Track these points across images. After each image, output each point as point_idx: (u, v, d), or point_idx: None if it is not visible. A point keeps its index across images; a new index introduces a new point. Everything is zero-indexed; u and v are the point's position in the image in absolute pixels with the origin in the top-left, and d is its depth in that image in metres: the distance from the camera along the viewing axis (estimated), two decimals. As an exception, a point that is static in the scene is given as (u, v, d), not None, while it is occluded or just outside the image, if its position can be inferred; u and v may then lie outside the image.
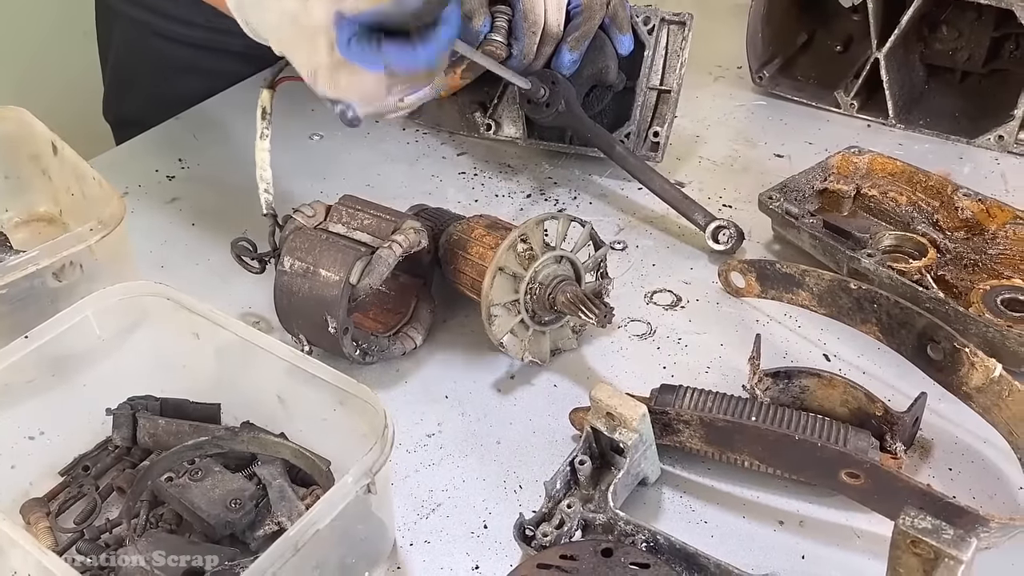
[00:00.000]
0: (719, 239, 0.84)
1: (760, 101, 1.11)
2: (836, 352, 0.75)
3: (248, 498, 0.59)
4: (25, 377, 0.65)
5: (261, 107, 0.72)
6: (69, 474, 0.66)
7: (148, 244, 0.88)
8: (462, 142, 1.03)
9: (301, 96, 0.72)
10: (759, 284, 0.78)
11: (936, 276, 0.78)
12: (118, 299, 0.66)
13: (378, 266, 0.70)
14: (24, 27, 1.36)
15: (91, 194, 0.80)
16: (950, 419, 0.68)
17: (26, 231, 0.90)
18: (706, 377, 0.74)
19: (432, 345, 0.78)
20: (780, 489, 0.64)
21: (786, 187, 0.87)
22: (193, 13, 1.06)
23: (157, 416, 0.66)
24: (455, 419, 0.71)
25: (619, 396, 0.61)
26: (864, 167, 0.89)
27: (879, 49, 1.00)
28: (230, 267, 0.77)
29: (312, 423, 0.64)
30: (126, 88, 1.17)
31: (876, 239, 0.80)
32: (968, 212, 0.82)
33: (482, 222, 0.79)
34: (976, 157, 0.99)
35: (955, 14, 1.03)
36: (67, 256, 0.71)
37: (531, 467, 0.67)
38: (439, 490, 0.66)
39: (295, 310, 0.72)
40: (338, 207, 0.75)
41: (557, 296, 0.71)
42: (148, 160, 1.01)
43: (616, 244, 0.88)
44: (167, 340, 0.68)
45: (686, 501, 0.64)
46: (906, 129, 1.04)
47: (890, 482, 0.57)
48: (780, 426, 0.61)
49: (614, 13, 0.85)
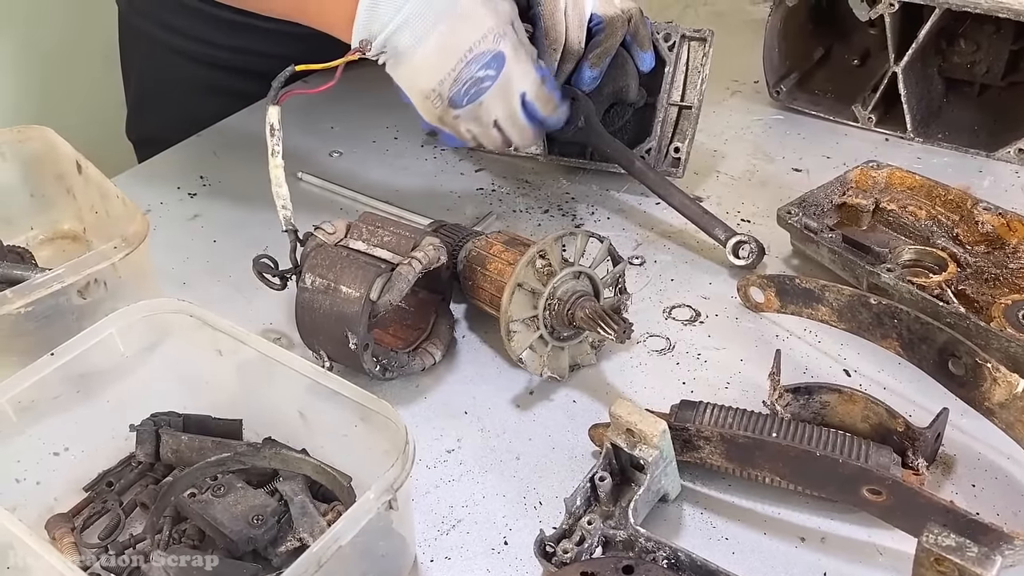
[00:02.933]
0: (739, 254, 0.84)
1: (777, 115, 1.11)
2: (856, 367, 0.75)
3: (270, 514, 0.60)
4: (51, 393, 0.66)
5: (269, 124, 0.73)
6: (93, 490, 0.66)
7: (170, 261, 0.89)
8: (480, 158, 1.04)
9: (321, 114, 0.73)
10: (778, 299, 0.78)
11: (957, 291, 0.78)
12: (142, 316, 0.67)
13: (398, 283, 0.70)
14: (47, 48, 1.38)
15: (115, 212, 0.81)
16: (973, 435, 0.68)
17: (51, 248, 0.91)
18: (726, 393, 0.74)
19: (451, 361, 0.78)
20: (801, 505, 0.64)
21: (804, 201, 0.87)
22: (215, 34, 1.08)
23: (180, 432, 0.67)
24: (475, 435, 0.71)
25: (639, 412, 0.61)
26: (883, 181, 0.88)
27: (896, 63, 1.00)
28: (251, 283, 0.77)
29: (333, 439, 0.64)
30: (149, 108, 1.19)
31: (895, 253, 0.80)
32: (988, 226, 0.81)
33: (500, 238, 0.79)
34: (996, 170, 0.99)
35: (973, 27, 1.03)
36: (91, 274, 0.72)
37: (551, 483, 0.67)
38: (459, 506, 0.66)
39: (316, 326, 0.72)
40: (358, 224, 0.76)
41: (576, 312, 0.71)
42: (170, 178, 1.02)
43: (634, 259, 0.88)
44: (190, 357, 0.68)
45: (707, 518, 0.64)
46: (925, 143, 1.03)
47: (912, 499, 0.57)
48: (801, 442, 0.61)
49: (635, 30, 0.85)
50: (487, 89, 0.74)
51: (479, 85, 0.74)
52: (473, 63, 0.73)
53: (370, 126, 1.10)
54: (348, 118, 1.10)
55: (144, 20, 1.12)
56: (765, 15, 1.07)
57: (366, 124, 1.10)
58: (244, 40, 1.06)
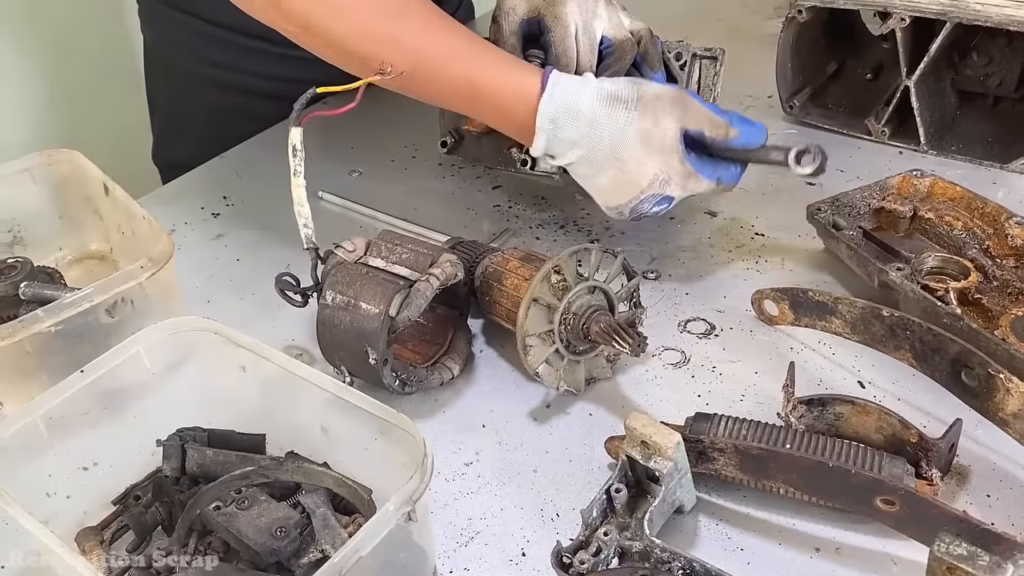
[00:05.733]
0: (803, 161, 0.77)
1: (791, 130, 1.12)
2: (871, 379, 0.75)
3: (293, 526, 0.61)
4: (80, 410, 0.67)
5: (291, 145, 0.75)
6: (121, 503, 0.68)
7: (195, 279, 0.91)
8: (497, 176, 1.06)
9: (341, 135, 0.75)
10: (792, 312, 0.79)
11: (973, 299, 0.78)
12: (168, 334, 0.68)
13: (416, 299, 0.72)
14: (75, 75, 1.42)
15: (141, 232, 0.83)
16: (987, 445, 0.68)
17: (79, 268, 0.94)
18: (741, 405, 0.74)
19: (469, 375, 0.79)
20: (816, 516, 0.65)
21: (838, 201, 0.89)
22: (240, 61, 1.11)
23: (205, 447, 0.68)
24: (492, 448, 0.73)
25: (654, 425, 0.62)
26: (924, 190, 0.89)
27: (909, 77, 1.01)
28: (273, 300, 0.79)
29: (354, 453, 0.65)
30: (175, 134, 1.22)
31: (920, 259, 0.81)
32: (1019, 240, 0.81)
33: (516, 254, 0.81)
34: (1010, 182, 0.99)
35: (985, 40, 1.03)
36: (119, 293, 0.74)
37: (568, 495, 0.68)
38: (477, 518, 0.67)
39: (337, 342, 0.74)
40: (377, 242, 0.77)
41: (591, 326, 0.72)
42: (194, 198, 1.04)
43: (649, 274, 0.89)
44: (214, 373, 0.70)
45: (722, 529, 0.65)
46: (938, 155, 1.04)
47: (925, 509, 0.57)
48: (814, 453, 0.62)
49: (645, 51, 0.87)
50: (664, 210, 0.80)
51: (656, 208, 0.79)
52: (645, 202, 0.78)
53: (389, 146, 1.12)
54: (367, 138, 1.12)
55: (170, 49, 1.16)
56: (779, 30, 1.08)
57: (385, 144, 1.12)
58: (267, 66, 1.09)
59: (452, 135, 1.04)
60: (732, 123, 0.78)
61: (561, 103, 0.76)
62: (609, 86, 0.77)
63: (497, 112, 0.80)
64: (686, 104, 0.77)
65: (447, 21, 0.80)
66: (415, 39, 0.78)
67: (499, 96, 0.79)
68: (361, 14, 0.78)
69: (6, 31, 1.32)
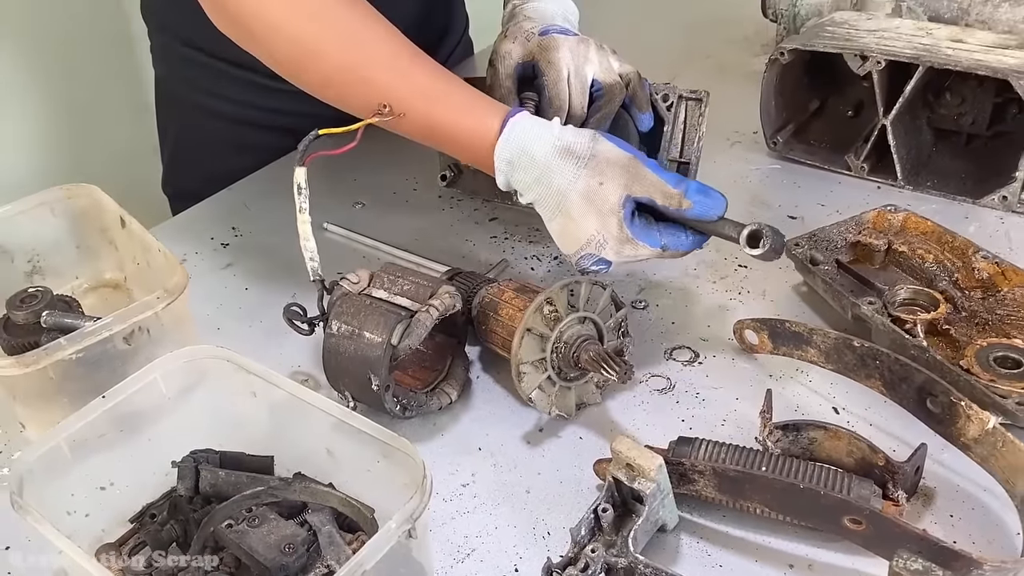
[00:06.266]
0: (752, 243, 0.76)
1: (775, 165, 1.17)
2: (845, 405, 0.80)
3: (300, 543, 0.65)
4: (98, 432, 0.71)
5: (296, 184, 0.78)
6: (138, 521, 0.72)
7: (205, 307, 0.95)
8: (494, 208, 1.10)
9: (345, 168, 0.79)
10: (771, 342, 0.83)
11: (941, 330, 0.83)
12: (184, 362, 0.73)
13: (417, 328, 0.76)
14: (81, 105, 1.47)
15: (156, 264, 0.88)
16: (952, 468, 0.72)
17: (94, 296, 0.98)
18: (722, 429, 0.79)
19: (466, 400, 0.84)
20: (790, 535, 0.69)
21: (815, 236, 0.93)
22: (249, 96, 1.16)
23: (217, 468, 0.72)
24: (488, 470, 0.77)
25: (638, 448, 0.66)
26: (898, 224, 0.94)
27: (886, 116, 1.06)
28: (281, 328, 0.83)
29: (357, 474, 0.69)
30: (184, 165, 1.26)
31: (893, 291, 0.86)
32: (985, 273, 0.86)
33: (511, 285, 0.85)
34: (981, 217, 1.04)
35: (958, 82, 1.09)
36: (136, 322, 0.78)
37: (558, 514, 0.72)
38: (473, 536, 0.71)
39: (342, 369, 0.78)
40: (380, 274, 0.82)
41: (581, 355, 0.77)
42: (204, 229, 1.09)
43: (638, 303, 0.94)
44: (226, 398, 0.74)
45: (702, 546, 0.69)
46: (915, 190, 1.09)
47: (889, 528, 0.61)
48: (787, 476, 0.66)
49: (634, 93, 0.92)
50: (604, 271, 0.80)
51: (594, 267, 0.79)
52: (584, 259, 0.79)
53: (391, 179, 1.16)
54: (370, 171, 1.17)
55: (183, 85, 1.21)
56: (765, 67, 1.13)
57: (387, 177, 1.16)
58: (279, 102, 1.14)
59: (451, 169, 1.09)
60: (688, 193, 0.75)
61: (517, 147, 0.78)
62: (568, 137, 0.78)
63: (458, 149, 0.83)
64: (637, 171, 0.76)
65: (419, 59, 0.83)
66: (384, 76, 0.80)
67: (457, 134, 0.81)
68: (331, 56, 0.81)
69: (14, 64, 1.38)
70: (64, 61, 1.43)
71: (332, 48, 0.81)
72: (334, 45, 0.81)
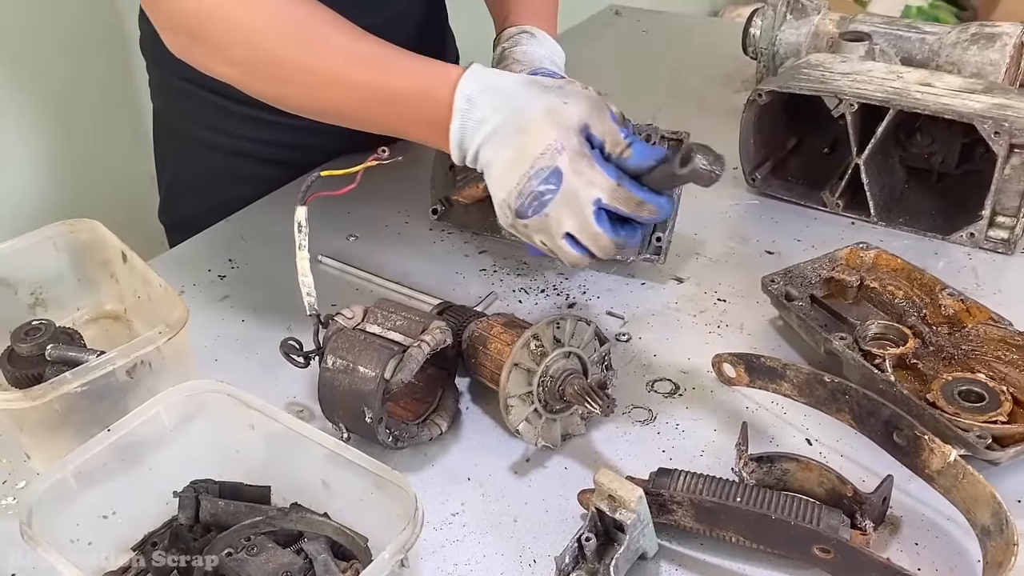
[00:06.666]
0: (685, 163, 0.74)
1: (753, 200, 1.21)
2: (817, 437, 0.84)
3: (297, 571, 0.68)
4: (100, 462, 0.74)
5: (297, 222, 0.82)
6: (139, 550, 0.75)
7: (203, 339, 0.98)
8: (483, 241, 1.14)
9: (339, 202, 0.82)
10: (747, 375, 0.87)
11: (910, 364, 0.87)
12: (185, 395, 0.76)
13: (409, 363, 0.80)
14: (79, 136, 1.50)
15: (156, 297, 0.91)
16: (917, 498, 0.76)
17: (95, 327, 1.01)
18: (701, 460, 0.82)
19: (456, 431, 0.87)
20: (765, 563, 0.72)
21: (790, 272, 0.97)
22: (246, 129, 1.19)
23: (217, 498, 0.75)
24: (477, 499, 0.80)
25: (619, 480, 0.69)
26: (870, 261, 0.98)
27: (859, 155, 1.11)
28: (276, 359, 0.86)
29: (351, 504, 0.72)
30: (181, 195, 1.29)
31: (864, 326, 0.90)
32: (951, 310, 0.91)
33: (500, 320, 0.89)
34: (950, 253, 1.08)
35: (928, 123, 1.13)
36: (139, 356, 0.81)
37: (544, 543, 0.75)
38: (463, 564, 0.74)
39: (336, 402, 0.81)
40: (374, 309, 0.85)
41: (566, 388, 0.81)
42: (201, 261, 1.12)
43: (621, 336, 0.98)
44: (225, 430, 0.77)
45: (681, 574, 0.72)
46: (887, 226, 1.13)
47: (855, 557, 0.65)
48: (760, 507, 0.69)
49: None
50: (548, 202, 0.76)
51: (541, 199, 0.76)
52: (534, 178, 0.75)
53: (383, 212, 1.20)
54: (363, 204, 1.20)
55: (181, 118, 1.24)
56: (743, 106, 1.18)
57: (380, 210, 1.20)
58: (277, 135, 1.17)
59: (442, 203, 1.13)
60: (632, 145, 0.77)
61: (483, 81, 0.78)
62: (539, 78, 0.80)
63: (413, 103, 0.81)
64: (602, 111, 0.77)
65: (366, 35, 0.83)
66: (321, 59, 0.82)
67: (411, 85, 0.80)
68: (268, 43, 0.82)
69: (10, 98, 1.41)
70: (64, 92, 1.46)
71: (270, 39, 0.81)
72: (278, 28, 0.81)
